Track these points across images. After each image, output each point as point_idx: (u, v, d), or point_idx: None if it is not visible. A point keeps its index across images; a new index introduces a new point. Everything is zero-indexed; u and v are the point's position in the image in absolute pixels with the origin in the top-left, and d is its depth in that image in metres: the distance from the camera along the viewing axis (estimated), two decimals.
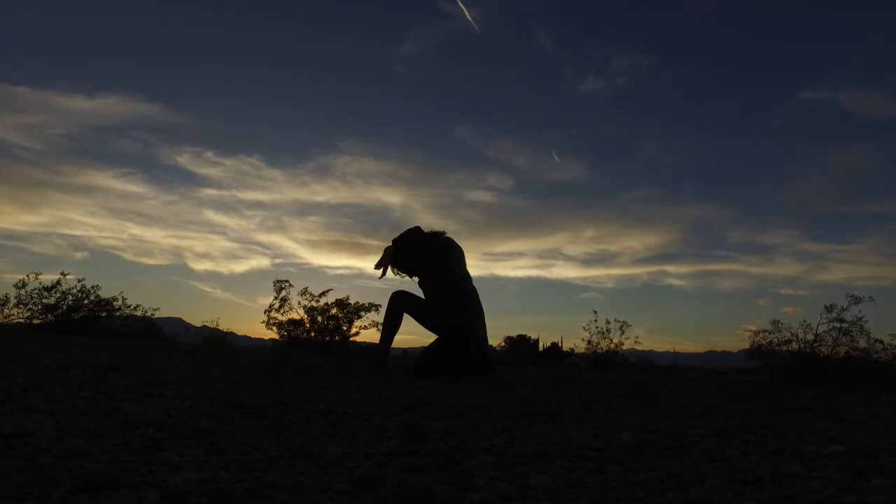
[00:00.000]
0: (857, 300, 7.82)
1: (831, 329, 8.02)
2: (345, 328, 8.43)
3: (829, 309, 8.06)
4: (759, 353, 8.83)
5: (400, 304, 3.66)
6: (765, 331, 8.68)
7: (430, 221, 4.04)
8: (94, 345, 4.18)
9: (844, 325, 7.87)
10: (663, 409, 2.16)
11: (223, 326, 12.16)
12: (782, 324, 8.51)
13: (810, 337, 8.19)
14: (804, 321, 8.31)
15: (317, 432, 1.11)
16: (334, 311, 8.38)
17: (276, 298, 8.04)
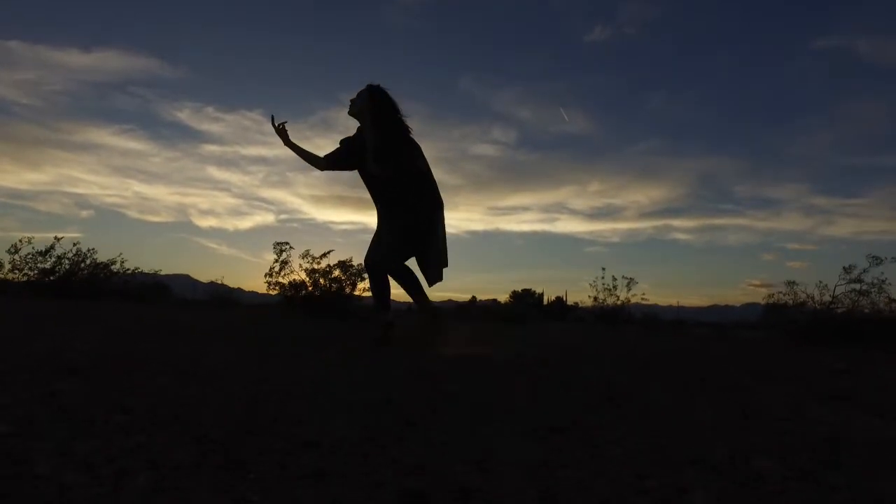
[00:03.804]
0: (878, 261, 7.51)
1: (850, 291, 7.75)
2: (348, 290, 8.22)
3: (847, 270, 7.77)
4: (775, 312, 8.61)
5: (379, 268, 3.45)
6: (780, 292, 8.43)
7: (435, 175, 3.84)
8: (89, 316, 3.95)
9: (864, 286, 7.59)
10: (692, 409, 1.90)
11: (230, 283, 12.03)
12: (798, 285, 8.25)
13: (827, 298, 7.94)
14: (820, 282, 8.03)
15: (292, 489, 0.86)
16: (336, 272, 8.16)
17: (276, 261, 7.82)
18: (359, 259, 8.12)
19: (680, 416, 1.70)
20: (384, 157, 3.31)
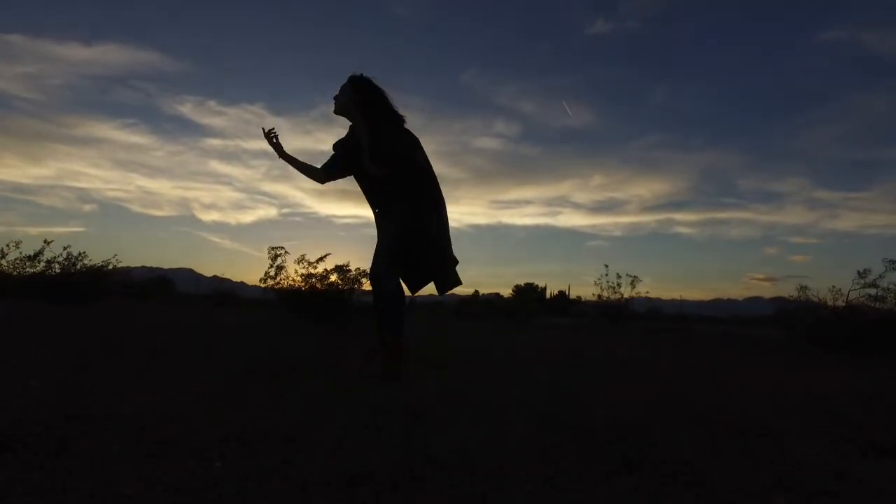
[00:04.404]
0: (895, 265, 7.24)
1: (863, 295, 7.49)
2: (345, 295, 8.00)
3: (862, 274, 7.51)
4: (787, 317, 8.36)
5: (397, 287, 3.16)
6: (792, 296, 8.18)
7: (436, 169, 3.59)
8: (68, 331, 3.68)
9: (880, 291, 7.32)
10: (727, 482, 1.66)
11: (233, 277, 11.95)
12: (810, 289, 8.00)
13: (840, 303, 7.69)
14: (834, 287, 7.78)
15: None
16: (334, 277, 7.93)
17: (271, 266, 7.60)
18: (356, 263, 7.90)
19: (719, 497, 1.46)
20: (379, 153, 3.05)
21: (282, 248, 7.54)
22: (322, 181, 3.32)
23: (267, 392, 2.42)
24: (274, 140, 3.21)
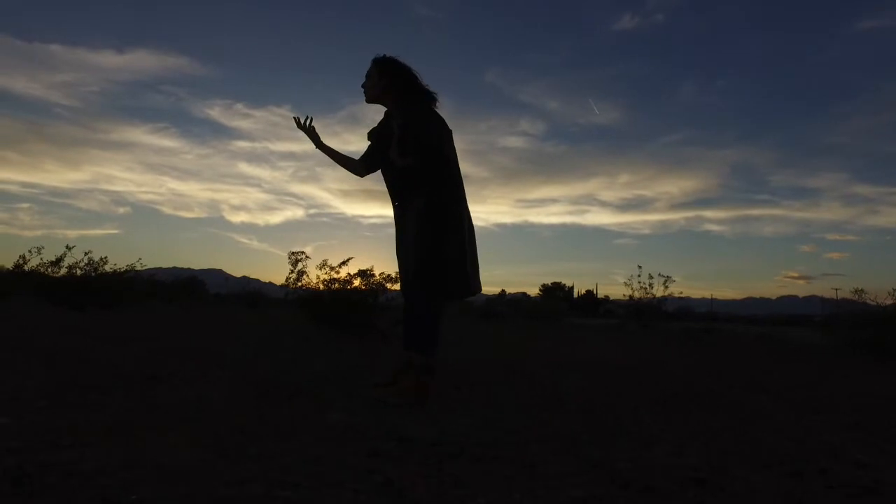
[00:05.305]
0: None
1: None
2: (369, 301, 7.71)
3: None
4: (841, 320, 7.84)
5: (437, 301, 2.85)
6: (844, 299, 7.66)
7: (463, 168, 3.25)
8: (75, 345, 3.43)
9: None
10: None
11: (262, 277, 11.88)
12: (865, 292, 7.49)
13: None
14: (894, 290, 7.29)
15: None
16: (357, 282, 7.65)
17: (292, 272, 7.37)
18: (381, 266, 7.60)
19: None
20: (406, 141, 2.77)
21: (302, 252, 7.31)
22: (361, 174, 3.12)
23: (270, 429, 2.11)
24: (310, 126, 3.02)
